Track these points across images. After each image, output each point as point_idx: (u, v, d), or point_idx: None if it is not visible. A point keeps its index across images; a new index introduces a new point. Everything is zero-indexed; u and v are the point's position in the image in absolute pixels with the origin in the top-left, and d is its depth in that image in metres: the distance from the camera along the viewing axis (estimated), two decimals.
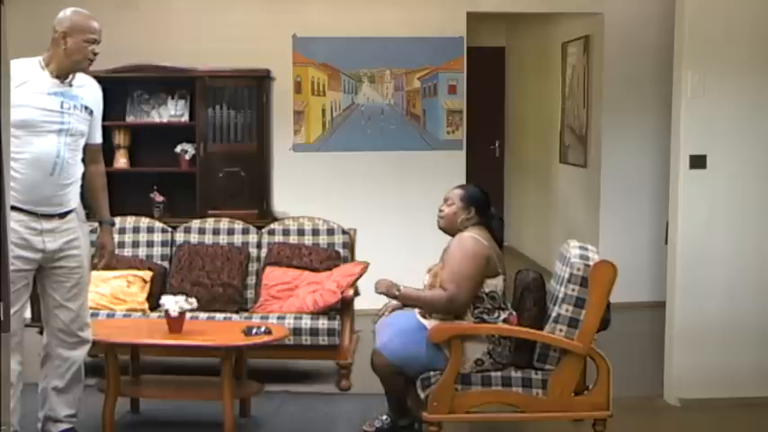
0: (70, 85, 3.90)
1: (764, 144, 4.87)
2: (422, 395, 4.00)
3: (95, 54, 3.88)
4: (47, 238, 3.84)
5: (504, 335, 4.01)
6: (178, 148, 6.68)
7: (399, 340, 4.05)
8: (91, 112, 3.99)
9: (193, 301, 4.49)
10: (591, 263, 3.96)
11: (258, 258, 5.56)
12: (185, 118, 6.73)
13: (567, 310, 3.93)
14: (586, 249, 4.07)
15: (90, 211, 4.19)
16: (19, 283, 3.78)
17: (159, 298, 4.61)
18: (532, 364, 4.02)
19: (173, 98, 6.75)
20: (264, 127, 6.74)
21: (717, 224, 4.85)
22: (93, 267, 4.17)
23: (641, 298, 7.03)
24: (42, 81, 3.83)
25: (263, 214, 6.61)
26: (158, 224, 5.72)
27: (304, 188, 7.01)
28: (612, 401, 4.01)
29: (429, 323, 4.04)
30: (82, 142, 3.95)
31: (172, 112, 6.74)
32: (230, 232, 5.62)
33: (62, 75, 3.87)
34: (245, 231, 5.64)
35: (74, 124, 3.88)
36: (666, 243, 5.05)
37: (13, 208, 3.68)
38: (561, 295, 3.97)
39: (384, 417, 4.30)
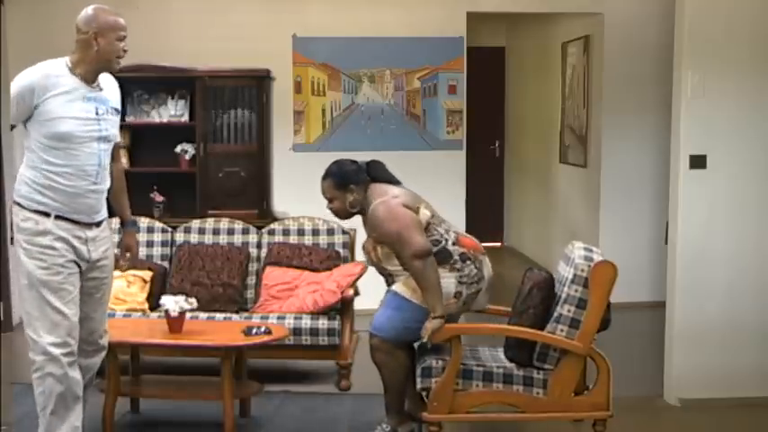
0: (100, 89, 3.78)
1: (764, 144, 4.87)
2: (419, 385, 4.02)
3: (125, 51, 3.76)
4: (90, 248, 3.77)
5: (474, 281, 4.09)
6: (178, 148, 6.68)
7: (384, 315, 4.11)
8: (118, 112, 3.90)
9: (193, 301, 4.49)
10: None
11: (258, 258, 5.56)
12: (185, 118, 6.73)
13: (569, 311, 3.94)
14: (591, 251, 4.07)
15: (111, 212, 4.07)
16: (77, 285, 3.74)
17: (159, 298, 4.62)
18: (532, 362, 4.02)
19: (173, 98, 6.75)
20: (264, 127, 6.74)
21: (717, 224, 4.85)
22: (117, 268, 4.08)
23: (641, 298, 7.04)
24: (77, 88, 3.68)
25: (263, 214, 6.61)
26: (158, 224, 5.72)
27: (304, 188, 6.94)
28: (612, 401, 4.01)
29: (399, 288, 4.09)
30: (112, 146, 3.88)
31: (172, 112, 6.74)
32: (230, 232, 5.62)
33: (91, 77, 3.73)
34: (245, 231, 5.64)
35: (109, 130, 3.80)
36: (666, 243, 5.05)
37: (59, 217, 3.67)
38: (564, 296, 3.97)
39: (384, 425, 4.27)
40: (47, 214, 3.66)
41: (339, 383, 5.14)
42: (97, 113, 3.73)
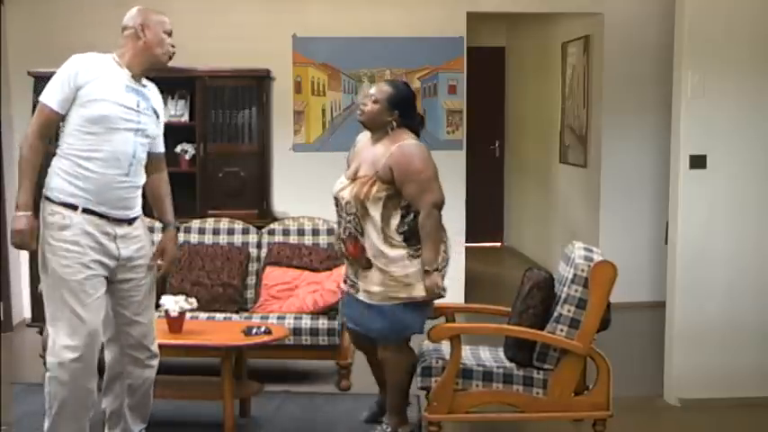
0: (143, 86, 3.77)
1: (764, 144, 4.87)
2: (419, 384, 4.06)
3: (173, 47, 3.78)
4: (120, 245, 3.67)
5: (444, 264, 4.09)
6: (178, 148, 6.68)
7: (381, 324, 4.08)
8: (158, 116, 3.84)
9: (193, 301, 4.49)
10: None
11: (258, 258, 5.56)
12: (185, 118, 6.72)
13: (569, 311, 3.94)
14: (591, 251, 4.07)
15: (153, 215, 4.03)
16: (100, 290, 3.64)
17: (159, 298, 4.61)
18: (532, 362, 4.02)
19: (173, 98, 6.74)
20: (264, 127, 6.74)
21: (717, 224, 4.85)
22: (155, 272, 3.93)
23: (641, 298, 7.04)
24: (119, 76, 3.67)
25: (263, 214, 6.61)
26: (158, 224, 5.67)
27: (304, 188, 7.00)
28: (612, 401, 4.02)
29: (377, 298, 4.06)
30: (148, 147, 3.78)
31: (172, 112, 6.73)
32: (230, 232, 5.62)
33: (138, 73, 3.73)
34: (245, 231, 5.64)
35: (148, 125, 3.73)
36: (666, 243, 5.05)
37: (87, 211, 3.58)
38: (564, 296, 3.97)
39: (384, 425, 4.25)
40: (74, 207, 3.58)
41: (339, 383, 5.14)
42: (138, 106, 3.68)
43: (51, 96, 3.57)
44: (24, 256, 6.50)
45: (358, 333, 4.28)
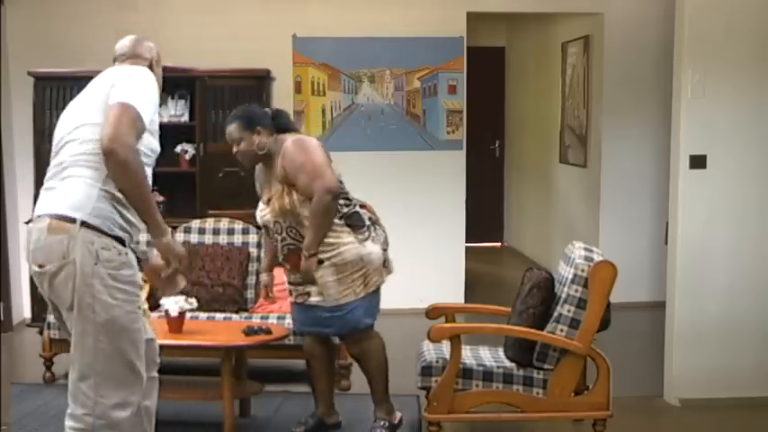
0: None
1: (764, 144, 4.86)
2: (419, 384, 4.06)
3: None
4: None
5: (387, 244, 4.16)
6: (178, 148, 6.68)
7: (347, 319, 4.12)
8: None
9: (193, 301, 4.49)
10: None
11: (258, 258, 5.56)
12: (185, 118, 6.71)
13: (569, 311, 3.94)
14: (591, 251, 4.07)
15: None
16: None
17: (159, 298, 4.61)
18: (532, 362, 4.02)
19: (173, 98, 6.74)
20: None
21: (717, 224, 4.85)
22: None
23: (641, 298, 7.04)
24: None
25: None
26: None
27: None
28: (612, 401, 4.01)
29: (335, 300, 4.09)
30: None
31: (172, 112, 6.73)
32: (230, 232, 5.62)
33: None
34: (245, 231, 5.64)
35: None
36: (666, 243, 5.05)
37: (129, 247, 3.14)
38: (564, 296, 3.97)
39: (382, 423, 4.27)
40: (122, 242, 3.09)
41: (339, 383, 5.14)
42: None
43: (145, 110, 3.10)
44: (24, 256, 6.49)
45: (315, 335, 4.28)
